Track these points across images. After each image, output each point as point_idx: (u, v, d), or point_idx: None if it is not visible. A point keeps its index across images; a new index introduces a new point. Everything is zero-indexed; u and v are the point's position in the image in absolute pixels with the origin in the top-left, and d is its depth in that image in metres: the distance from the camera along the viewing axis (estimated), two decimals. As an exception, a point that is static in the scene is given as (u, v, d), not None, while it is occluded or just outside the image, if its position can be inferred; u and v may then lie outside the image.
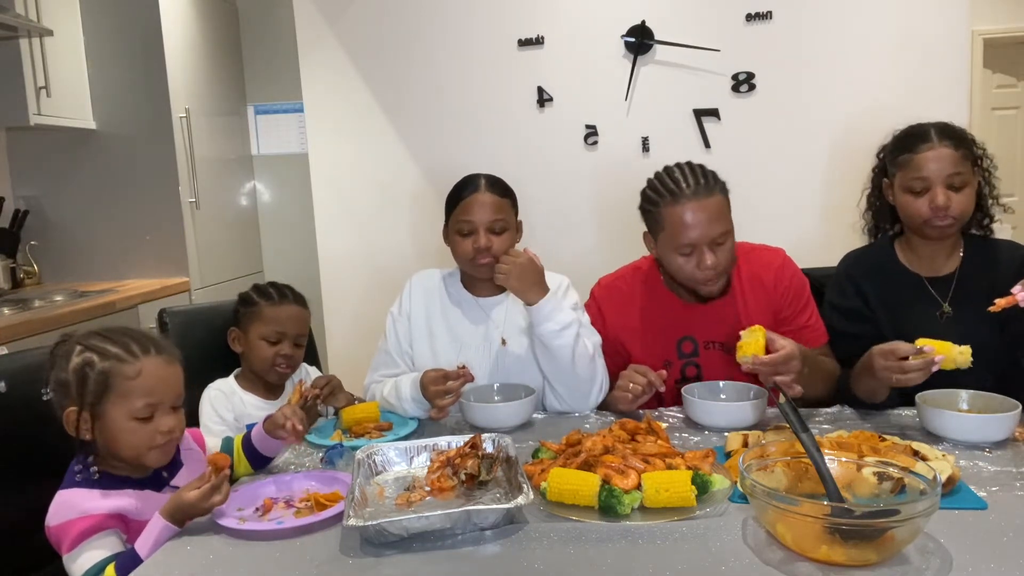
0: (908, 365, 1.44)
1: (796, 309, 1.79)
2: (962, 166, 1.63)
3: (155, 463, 1.28)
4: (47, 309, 2.74)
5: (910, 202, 1.67)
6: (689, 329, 1.79)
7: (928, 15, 2.89)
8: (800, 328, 1.77)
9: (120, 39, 3.32)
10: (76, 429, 1.23)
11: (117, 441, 1.24)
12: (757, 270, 1.80)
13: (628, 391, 1.63)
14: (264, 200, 4.24)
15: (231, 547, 1.14)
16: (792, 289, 1.79)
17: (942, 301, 1.70)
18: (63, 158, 3.39)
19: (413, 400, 1.68)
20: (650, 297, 1.83)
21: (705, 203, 1.63)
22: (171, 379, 1.29)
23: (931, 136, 1.65)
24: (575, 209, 3.14)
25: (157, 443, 1.25)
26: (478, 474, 1.25)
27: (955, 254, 1.73)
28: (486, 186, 1.79)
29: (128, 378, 1.23)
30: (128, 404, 1.23)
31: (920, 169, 1.64)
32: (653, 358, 1.76)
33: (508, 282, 1.69)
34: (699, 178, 1.66)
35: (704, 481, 1.20)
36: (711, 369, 1.78)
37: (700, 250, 1.64)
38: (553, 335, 1.67)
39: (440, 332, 1.85)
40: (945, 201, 1.61)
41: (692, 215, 1.62)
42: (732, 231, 1.68)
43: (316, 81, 3.21)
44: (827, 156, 3.00)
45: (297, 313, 1.83)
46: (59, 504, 1.21)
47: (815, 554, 0.99)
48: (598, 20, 3.03)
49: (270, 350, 1.77)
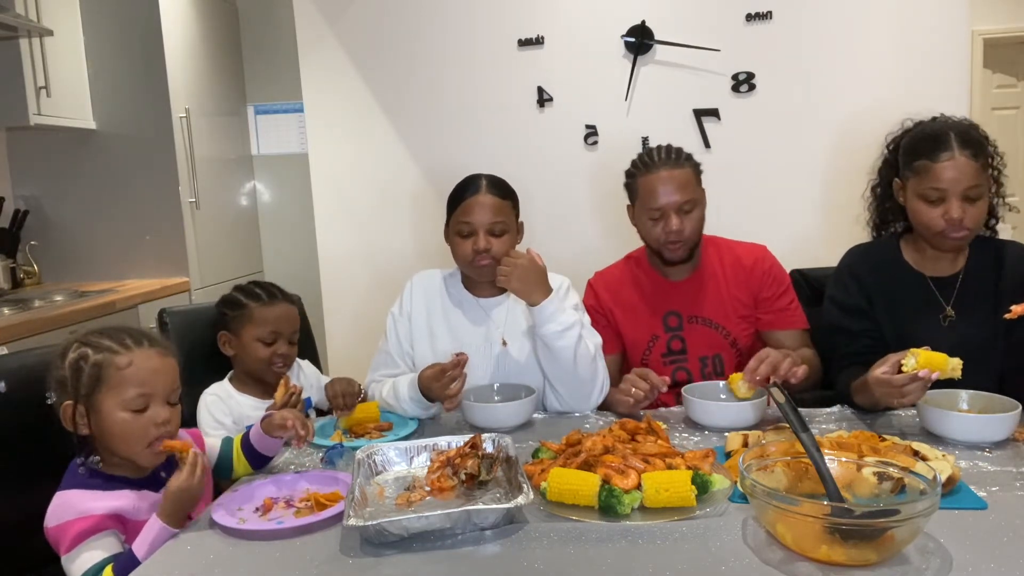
0: (907, 389, 1.41)
1: (775, 292, 1.88)
2: (980, 177, 1.58)
3: (147, 462, 1.27)
4: (47, 309, 2.74)
5: (924, 210, 1.62)
6: (674, 304, 1.91)
7: (928, 15, 2.89)
8: (779, 310, 1.88)
9: (120, 39, 3.32)
10: (73, 423, 1.23)
11: (112, 434, 1.24)
12: (739, 254, 1.93)
13: (630, 395, 1.64)
14: (264, 200, 4.24)
15: (231, 547, 1.14)
16: (771, 274, 1.90)
17: (945, 302, 1.68)
18: (63, 158, 3.39)
19: (411, 400, 1.68)
20: (639, 277, 1.96)
21: (674, 173, 1.80)
22: (165, 371, 1.29)
23: (951, 144, 1.58)
24: (575, 209, 3.14)
25: (152, 435, 1.24)
26: (478, 474, 1.25)
27: (960, 255, 1.71)
28: (487, 187, 1.79)
29: (119, 368, 1.23)
30: (120, 394, 1.23)
31: (938, 180, 1.58)
32: (642, 333, 1.91)
33: (509, 284, 1.69)
34: (671, 153, 1.84)
35: (704, 481, 1.20)
36: (695, 341, 1.89)
37: (667, 215, 1.80)
38: (556, 336, 1.67)
39: (441, 332, 1.85)
40: (960, 214, 1.57)
41: (662, 184, 1.80)
42: (699, 204, 1.83)
43: (316, 81, 3.21)
44: (827, 156, 3.00)
45: (289, 311, 1.82)
46: (57, 505, 1.21)
47: (815, 554, 0.99)
48: (598, 20, 3.03)
49: (266, 351, 1.76)
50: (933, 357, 1.42)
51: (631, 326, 1.93)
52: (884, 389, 1.44)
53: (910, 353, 1.43)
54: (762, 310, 1.89)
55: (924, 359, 1.41)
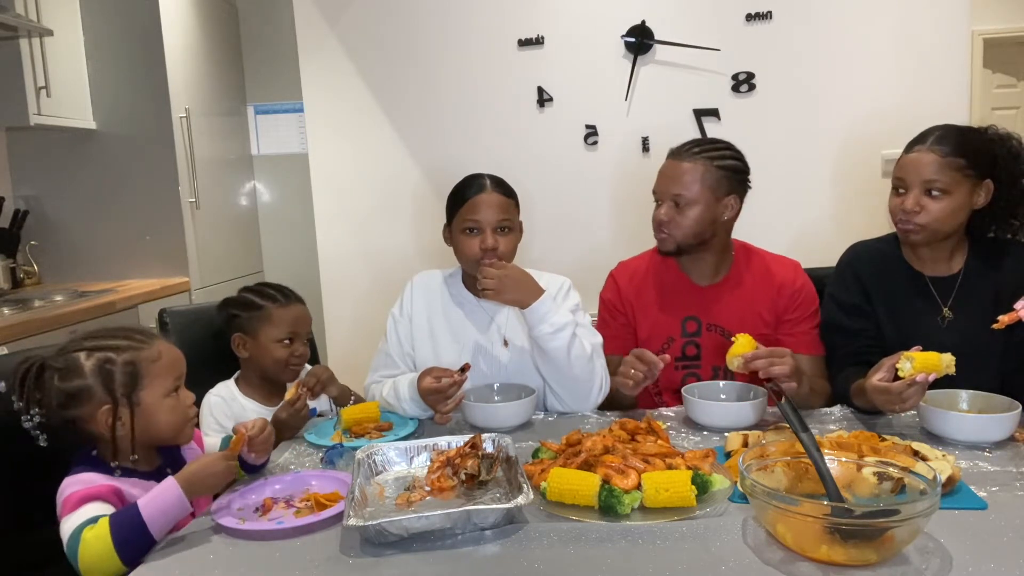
0: (906, 395, 1.41)
1: (800, 316, 1.82)
2: (944, 173, 1.59)
3: (187, 440, 1.37)
4: (47, 309, 2.74)
5: (891, 200, 1.68)
6: (695, 309, 1.85)
7: (928, 15, 2.89)
8: (799, 334, 1.80)
9: (120, 39, 3.32)
10: (112, 427, 1.24)
11: (159, 423, 1.29)
12: (770, 265, 1.87)
13: (629, 377, 1.63)
14: (264, 200, 4.24)
15: (231, 547, 1.14)
16: (801, 295, 1.83)
17: (944, 302, 1.68)
18: (63, 158, 3.39)
19: (411, 400, 1.68)
20: (663, 275, 1.90)
21: (676, 164, 1.79)
22: (180, 357, 1.36)
23: (927, 138, 1.63)
24: (575, 209, 3.14)
25: (191, 415, 1.34)
26: (478, 474, 1.25)
27: (959, 256, 1.70)
28: (492, 186, 1.78)
29: (153, 360, 1.29)
30: (162, 384, 1.29)
31: (901, 168, 1.65)
32: (658, 332, 1.85)
33: (501, 297, 1.67)
34: (692, 145, 1.81)
35: (704, 481, 1.20)
36: (709, 350, 1.83)
37: (660, 204, 1.80)
38: (548, 337, 1.67)
39: (442, 333, 1.85)
40: (913, 205, 1.61)
41: (663, 172, 1.81)
42: (695, 203, 1.76)
43: (316, 81, 3.22)
44: (827, 155, 3.00)
45: (303, 312, 1.86)
46: (63, 487, 1.20)
47: (815, 554, 0.99)
48: (598, 20, 3.03)
49: (285, 351, 1.78)
50: (927, 358, 1.41)
51: (648, 324, 1.88)
52: (883, 397, 1.44)
53: (904, 357, 1.42)
54: (783, 331, 1.82)
55: (919, 362, 1.40)
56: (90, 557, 1.09)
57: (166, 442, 1.33)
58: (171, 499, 1.15)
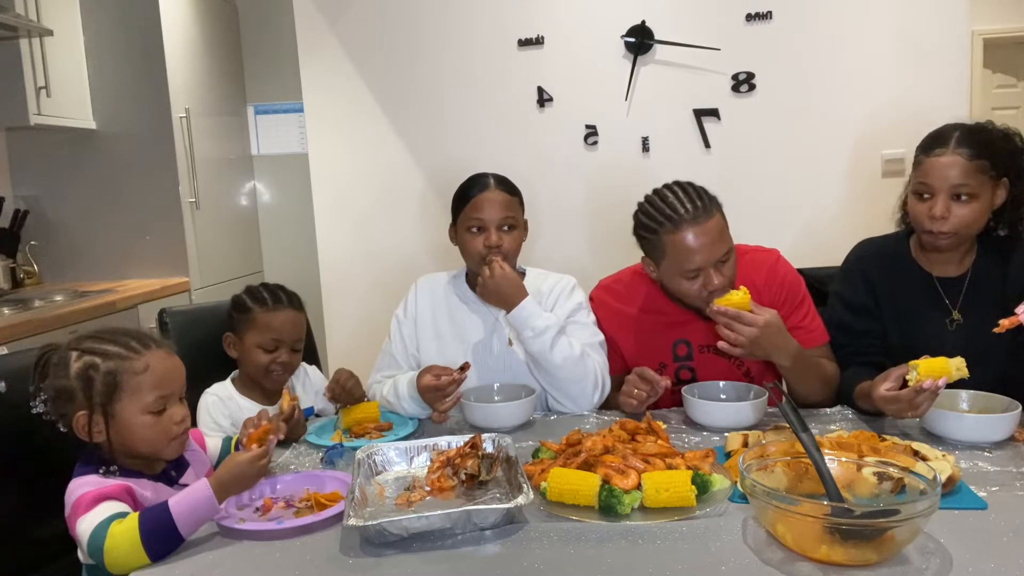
0: (917, 401, 1.39)
1: (789, 310, 1.74)
2: (972, 177, 1.54)
3: (173, 454, 1.30)
4: (47, 309, 2.74)
5: (914, 205, 1.62)
6: (684, 332, 1.77)
7: (928, 15, 2.89)
8: (793, 328, 1.71)
9: (120, 39, 3.32)
10: (88, 433, 1.23)
11: (134, 438, 1.24)
12: (749, 272, 1.75)
13: (633, 397, 1.63)
14: (264, 200, 4.24)
15: (231, 547, 1.13)
16: (785, 288, 1.76)
17: (952, 304, 1.65)
18: (63, 158, 3.39)
19: (411, 399, 1.68)
20: (648, 299, 1.81)
21: (706, 226, 1.58)
22: (176, 370, 1.30)
23: (949, 141, 1.56)
24: (575, 209, 3.14)
25: (174, 434, 1.27)
26: (478, 474, 1.25)
27: (968, 255, 1.67)
28: (496, 184, 1.78)
29: (136, 373, 1.24)
30: (140, 399, 1.23)
31: (927, 174, 1.57)
32: (647, 360, 1.74)
33: (486, 299, 1.69)
34: (695, 200, 1.61)
35: (704, 481, 1.20)
36: (706, 373, 1.76)
37: (707, 273, 1.61)
38: (529, 341, 1.68)
39: (447, 333, 1.85)
40: (943, 212, 1.55)
41: (695, 240, 1.58)
42: (733, 247, 1.65)
43: (316, 81, 3.21)
44: (827, 155, 3.00)
45: (293, 318, 1.76)
46: (72, 488, 1.20)
47: (815, 554, 0.99)
48: (598, 20, 3.03)
49: (266, 358, 1.72)
50: (933, 364, 1.40)
51: (636, 352, 1.79)
52: (894, 407, 1.41)
53: (911, 367, 1.40)
54: None
55: (924, 369, 1.39)
56: (117, 549, 1.09)
57: (146, 457, 1.27)
58: (202, 499, 1.15)
